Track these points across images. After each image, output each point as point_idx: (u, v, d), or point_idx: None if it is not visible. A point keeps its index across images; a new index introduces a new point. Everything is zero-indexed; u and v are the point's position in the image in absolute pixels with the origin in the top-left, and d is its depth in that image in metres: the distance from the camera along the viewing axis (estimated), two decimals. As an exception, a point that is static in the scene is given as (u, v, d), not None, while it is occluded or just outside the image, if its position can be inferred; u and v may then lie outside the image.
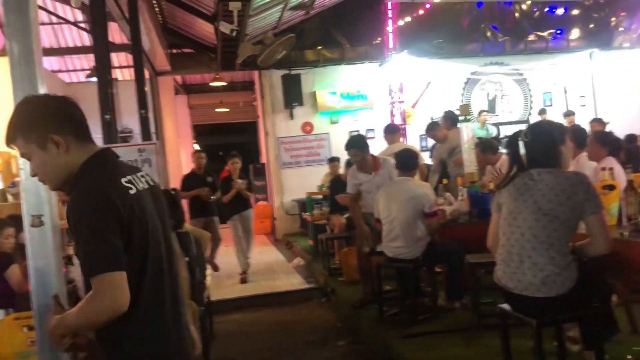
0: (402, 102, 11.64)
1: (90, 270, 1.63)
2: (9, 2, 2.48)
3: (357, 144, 5.61)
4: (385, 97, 11.81)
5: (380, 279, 5.09)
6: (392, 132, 7.08)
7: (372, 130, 11.83)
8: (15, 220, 4.78)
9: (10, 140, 1.75)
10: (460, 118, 7.00)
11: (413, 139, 11.58)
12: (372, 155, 5.65)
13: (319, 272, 7.65)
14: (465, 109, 6.83)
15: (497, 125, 11.69)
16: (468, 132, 6.23)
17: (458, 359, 3.92)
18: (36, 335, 2.60)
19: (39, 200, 2.51)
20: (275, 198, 12.11)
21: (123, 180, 1.74)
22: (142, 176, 1.88)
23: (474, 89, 12.49)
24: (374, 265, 5.20)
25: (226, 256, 8.69)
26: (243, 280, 7.81)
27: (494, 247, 3.06)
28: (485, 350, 3.90)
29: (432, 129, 7.23)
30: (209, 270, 7.47)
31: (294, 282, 7.71)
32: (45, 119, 1.72)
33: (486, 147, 6.12)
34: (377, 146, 8.48)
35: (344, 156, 6.89)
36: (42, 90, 2.50)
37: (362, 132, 12.00)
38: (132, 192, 1.73)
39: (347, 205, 6.07)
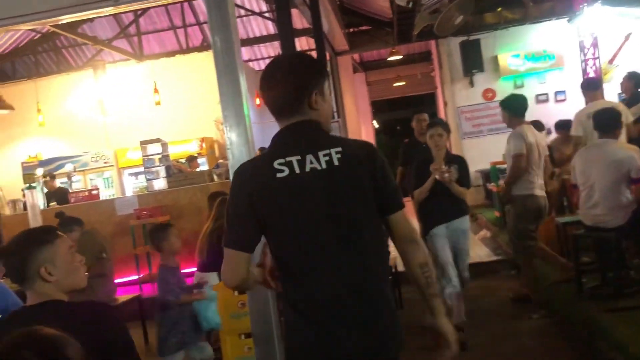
0: (597, 58, 10.58)
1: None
2: (210, 0, 2.77)
3: None
4: (576, 55, 10.83)
5: (578, 249, 4.76)
6: (593, 87, 6.16)
7: (563, 92, 11.02)
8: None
9: None
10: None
11: (611, 98, 10.48)
12: None
13: (507, 244, 7.37)
14: (676, 60, 5.94)
15: None
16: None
17: (674, 337, 3.54)
18: (247, 299, 2.91)
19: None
20: (458, 169, 11.86)
21: (277, 162, 1.73)
22: (327, 154, 1.75)
23: (686, 36, 10.90)
24: (570, 235, 4.88)
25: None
26: None
27: None
28: None
29: None
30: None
31: (481, 254, 7.53)
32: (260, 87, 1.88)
33: None
34: (569, 109, 7.85)
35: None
36: (242, 78, 2.76)
37: (551, 95, 11.22)
38: (280, 175, 1.72)
39: None
